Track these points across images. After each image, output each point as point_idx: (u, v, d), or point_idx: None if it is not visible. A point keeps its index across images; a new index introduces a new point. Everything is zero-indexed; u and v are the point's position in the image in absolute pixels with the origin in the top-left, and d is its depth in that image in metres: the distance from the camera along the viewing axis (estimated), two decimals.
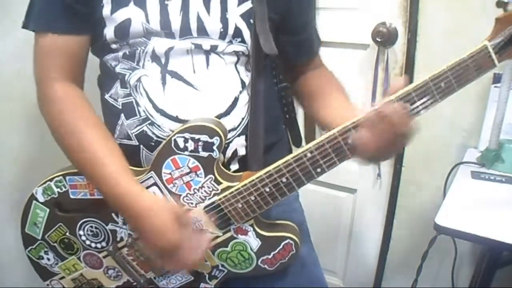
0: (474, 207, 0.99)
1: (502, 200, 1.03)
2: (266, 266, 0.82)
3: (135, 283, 0.86)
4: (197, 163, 0.75)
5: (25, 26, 0.78)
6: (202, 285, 0.86)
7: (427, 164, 1.45)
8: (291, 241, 0.80)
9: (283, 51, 0.82)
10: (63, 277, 0.88)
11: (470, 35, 0.72)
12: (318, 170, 0.72)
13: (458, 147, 1.36)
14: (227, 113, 0.78)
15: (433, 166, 1.43)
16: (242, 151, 0.82)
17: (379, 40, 1.36)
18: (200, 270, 0.84)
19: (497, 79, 1.19)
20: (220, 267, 0.84)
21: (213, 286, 0.86)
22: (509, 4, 0.69)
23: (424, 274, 1.25)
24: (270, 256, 0.81)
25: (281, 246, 0.80)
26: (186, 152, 0.74)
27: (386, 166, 1.54)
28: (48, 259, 0.86)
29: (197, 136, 0.73)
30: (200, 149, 0.74)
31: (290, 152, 1.02)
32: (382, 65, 1.42)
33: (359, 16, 1.42)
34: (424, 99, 0.68)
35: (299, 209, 0.98)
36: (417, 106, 0.68)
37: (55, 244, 0.84)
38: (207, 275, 0.85)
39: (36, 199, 0.81)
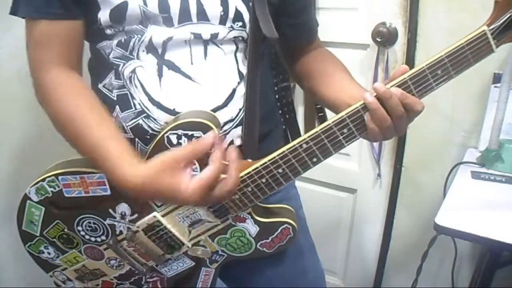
0: (474, 207, 0.98)
1: (502, 200, 1.02)
2: (265, 249, 0.84)
3: (137, 272, 0.87)
4: None
5: (13, 12, 0.72)
6: (203, 269, 0.87)
7: (427, 164, 1.45)
8: (288, 226, 0.82)
9: (282, 33, 0.80)
10: (65, 268, 0.88)
11: None
12: (314, 160, 0.72)
13: (458, 147, 1.36)
14: (224, 105, 0.77)
15: (433, 166, 1.43)
16: (238, 142, 0.81)
17: (379, 40, 1.36)
18: (200, 256, 0.85)
19: (497, 79, 1.18)
20: (220, 252, 0.85)
21: (214, 269, 0.87)
22: None
23: (424, 274, 1.25)
24: (268, 240, 0.83)
25: (279, 231, 0.82)
26: None
27: (386, 166, 1.54)
28: (49, 253, 0.86)
29: (190, 133, 0.72)
30: None
31: (286, 139, 1.03)
32: (382, 65, 1.42)
33: (359, 16, 1.42)
34: (421, 87, 0.66)
35: (296, 196, 0.98)
36: (413, 94, 0.67)
37: (54, 239, 0.84)
38: (207, 260, 0.86)
39: (30, 199, 0.81)
